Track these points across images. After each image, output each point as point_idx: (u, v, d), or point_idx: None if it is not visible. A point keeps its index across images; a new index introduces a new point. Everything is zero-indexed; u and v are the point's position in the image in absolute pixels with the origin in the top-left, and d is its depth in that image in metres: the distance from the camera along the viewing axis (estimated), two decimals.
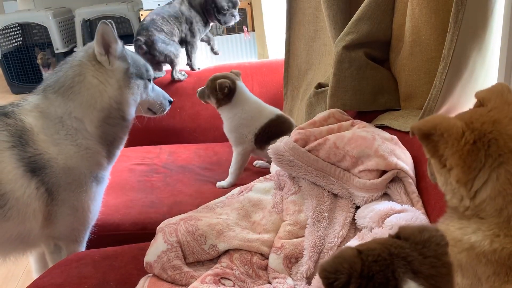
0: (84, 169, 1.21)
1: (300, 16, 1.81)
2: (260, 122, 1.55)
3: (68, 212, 1.20)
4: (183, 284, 0.99)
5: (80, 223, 1.24)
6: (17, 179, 1.13)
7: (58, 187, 1.17)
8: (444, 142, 0.63)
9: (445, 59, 1.04)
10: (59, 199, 1.18)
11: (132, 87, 1.27)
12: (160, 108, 1.42)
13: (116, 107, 1.25)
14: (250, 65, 2.14)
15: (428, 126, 0.64)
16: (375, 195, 1.08)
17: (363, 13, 1.31)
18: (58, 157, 1.17)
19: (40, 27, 4.70)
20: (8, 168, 1.12)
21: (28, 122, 1.17)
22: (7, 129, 1.15)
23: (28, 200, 1.14)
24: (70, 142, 1.19)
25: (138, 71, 1.30)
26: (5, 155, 1.12)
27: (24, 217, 1.15)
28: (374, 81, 1.35)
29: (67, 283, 1.08)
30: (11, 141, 1.13)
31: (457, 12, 0.98)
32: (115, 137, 1.29)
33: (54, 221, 1.19)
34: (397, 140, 1.17)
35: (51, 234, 1.21)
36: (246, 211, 1.14)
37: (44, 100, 1.22)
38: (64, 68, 1.26)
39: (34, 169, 1.14)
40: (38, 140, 1.16)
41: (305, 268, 0.99)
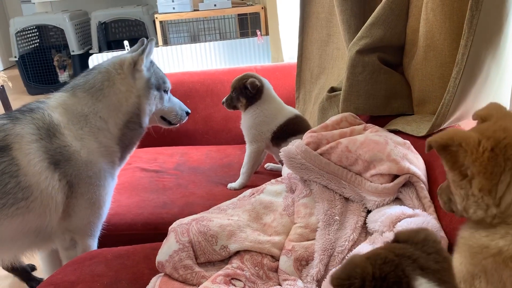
0: (103, 165, 1.28)
1: (313, 20, 1.82)
2: (280, 120, 1.56)
3: (86, 205, 1.26)
4: (194, 283, 1.00)
5: (95, 217, 1.30)
6: (42, 172, 1.17)
7: (79, 179, 1.23)
8: (463, 152, 0.65)
9: (459, 64, 1.03)
10: (79, 192, 1.23)
11: (150, 97, 1.37)
12: (175, 118, 1.49)
13: (137, 114, 1.35)
14: (262, 68, 2.15)
15: (445, 138, 0.66)
16: (386, 199, 1.08)
17: (377, 17, 1.32)
18: (81, 151, 1.24)
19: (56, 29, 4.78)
20: (35, 161, 1.17)
21: (54, 116, 1.24)
22: (34, 122, 1.21)
23: (51, 192, 1.19)
24: (93, 138, 1.27)
25: (157, 83, 1.39)
26: (32, 147, 1.18)
27: (45, 209, 1.20)
28: (387, 86, 1.35)
29: (79, 281, 1.09)
30: (38, 134, 1.20)
31: (472, 17, 0.98)
32: (130, 141, 1.37)
33: (71, 214, 1.24)
34: (409, 145, 1.17)
35: (67, 227, 1.26)
36: (257, 213, 1.15)
37: (72, 97, 1.30)
38: (93, 73, 1.35)
39: (58, 161, 1.20)
40: (63, 133, 1.23)
41: (316, 271, 0.99)
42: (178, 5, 3.62)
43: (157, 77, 1.40)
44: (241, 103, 1.59)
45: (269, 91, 1.60)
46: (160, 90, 1.41)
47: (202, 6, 3.64)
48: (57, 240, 1.29)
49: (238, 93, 1.58)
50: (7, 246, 1.24)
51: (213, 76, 2.14)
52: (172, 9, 3.63)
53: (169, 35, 4.01)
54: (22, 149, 1.17)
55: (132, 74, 1.34)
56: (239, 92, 1.57)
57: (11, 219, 1.17)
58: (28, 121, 1.21)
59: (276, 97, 1.62)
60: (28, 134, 1.19)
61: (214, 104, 2.05)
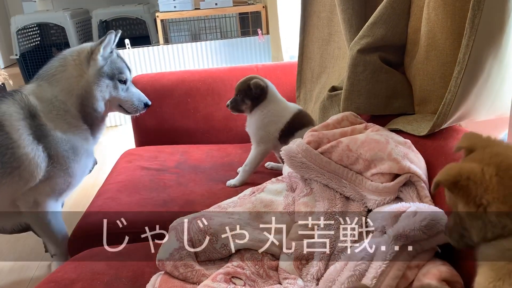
0: (76, 142, 1.45)
1: (314, 19, 1.81)
2: (286, 118, 1.57)
3: (61, 174, 1.44)
4: (195, 282, 1.00)
5: (66, 185, 1.47)
6: (29, 145, 1.36)
7: (57, 153, 1.41)
8: (474, 183, 0.68)
9: (460, 64, 1.03)
10: (57, 162, 1.42)
11: (100, 85, 1.48)
12: (131, 108, 1.60)
13: (87, 97, 1.47)
14: (263, 67, 2.15)
15: (453, 175, 0.69)
16: (387, 198, 1.08)
17: (378, 17, 1.31)
18: (55, 130, 1.41)
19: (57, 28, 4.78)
20: (24, 136, 1.36)
21: (31, 100, 1.42)
22: (18, 103, 1.39)
23: (37, 161, 1.38)
24: (62, 120, 1.43)
25: (110, 72, 1.50)
26: (21, 124, 1.37)
27: (31, 176, 1.39)
28: (388, 85, 1.35)
29: (80, 279, 1.10)
30: (22, 113, 1.38)
31: (474, 16, 0.98)
32: (93, 122, 1.51)
33: (47, 180, 1.42)
34: (410, 144, 1.17)
35: (37, 190, 1.43)
36: (257, 211, 1.15)
37: (37, 87, 1.47)
38: (52, 61, 1.51)
39: (40, 136, 1.38)
40: (40, 115, 1.40)
41: (316, 269, 1.00)
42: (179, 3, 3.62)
43: (112, 67, 1.50)
44: (246, 105, 1.58)
45: (273, 91, 1.60)
46: (113, 79, 1.51)
47: (203, 5, 3.63)
48: (21, 202, 1.44)
49: (243, 95, 1.57)
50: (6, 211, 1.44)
51: (214, 75, 2.14)
52: (173, 8, 3.63)
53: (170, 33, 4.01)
54: (12, 126, 1.35)
55: (87, 62, 1.46)
56: (244, 94, 1.57)
57: (8, 186, 1.37)
58: (11, 102, 1.39)
59: (280, 96, 1.62)
60: (15, 113, 1.37)
61: (215, 103, 2.04)
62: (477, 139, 0.74)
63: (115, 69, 1.51)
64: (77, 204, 2.47)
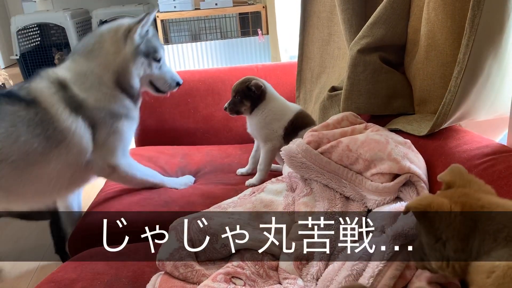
0: (113, 108, 1.47)
1: (314, 20, 1.82)
2: (289, 116, 1.56)
3: (109, 137, 1.47)
4: (195, 282, 1.00)
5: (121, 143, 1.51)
6: (68, 117, 1.39)
7: (96, 120, 1.44)
8: (439, 218, 0.73)
9: (460, 64, 1.03)
10: (100, 129, 1.45)
11: (136, 62, 1.50)
12: (163, 85, 1.61)
13: (123, 74, 1.49)
14: (263, 67, 2.15)
15: (424, 205, 0.74)
16: (387, 198, 1.08)
17: (378, 17, 1.32)
18: (88, 99, 1.43)
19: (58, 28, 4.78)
20: (60, 109, 1.38)
21: (60, 73, 1.45)
22: (48, 80, 1.43)
23: (80, 132, 1.40)
24: (95, 90, 1.45)
25: (146, 50, 1.52)
26: (54, 98, 1.39)
27: (80, 146, 1.42)
28: (388, 85, 1.35)
29: (80, 279, 1.10)
30: (53, 88, 1.41)
31: (473, 16, 0.98)
32: (132, 95, 1.53)
33: (101, 146, 1.46)
34: (410, 144, 1.17)
35: (102, 157, 1.48)
36: (257, 211, 1.15)
37: (72, 61, 1.51)
38: (88, 37, 1.55)
39: (75, 107, 1.41)
40: (71, 87, 1.43)
41: (316, 269, 1.00)
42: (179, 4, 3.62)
43: (148, 45, 1.51)
44: (245, 106, 1.58)
45: (271, 91, 1.60)
46: (149, 57, 1.52)
47: (203, 5, 3.64)
48: (98, 170, 1.50)
49: (241, 96, 1.56)
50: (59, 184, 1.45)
51: (214, 75, 2.14)
52: (173, 8, 3.63)
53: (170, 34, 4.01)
54: (47, 101, 1.38)
55: (124, 39, 1.48)
56: (243, 96, 1.56)
57: (58, 158, 1.39)
58: (40, 80, 1.43)
59: (279, 96, 1.62)
60: (46, 88, 1.40)
61: (215, 103, 2.05)
62: (459, 176, 0.79)
63: (151, 47, 1.53)
64: None
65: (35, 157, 1.34)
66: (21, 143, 1.32)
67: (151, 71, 1.55)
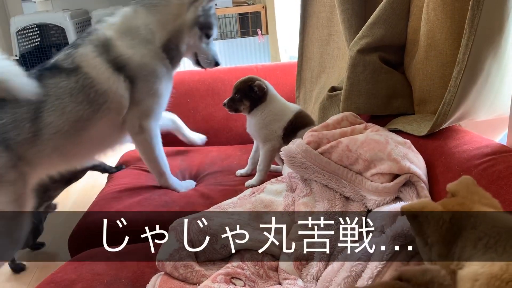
0: (156, 66, 1.53)
1: (314, 20, 1.82)
2: (288, 116, 1.56)
3: (147, 97, 1.53)
4: (194, 282, 1.00)
5: (156, 104, 1.57)
6: (110, 78, 1.45)
7: (138, 78, 1.49)
8: (427, 223, 0.75)
9: (460, 64, 1.03)
10: (140, 87, 1.50)
11: (191, 31, 1.56)
12: (205, 61, 1.66)
13: (176, 36, 1.54)
14: (263, 67, 2.15)
15: (416, 208, 0.77)
16: (387, 198, 1.08)
17: (378, 17, 1.32)
18: (134, 56, 1.48)
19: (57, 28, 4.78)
20: (102, 70, 1.45)
21: (107, 33, 1.50)
22: (91, 43, 1.48)
23: (120, 91, 1.47)
24: (143, 47, 1.51)
25: (203, 24, 1.56)
26: (97, 61, 1.46)
27: (120, 106, 1.49)
28: (388, 85, 1.35)
29: (80, 279, 1.10)
30: (97, 51, 1.47)
31: (473, 16, 0.98)
32: (173, 56, 1.59)
33: (137, 105, 1.52)
34: (410, 144, 1.17)
35: (135, 115, 1.54)
36: (257, 212, 1.15)
37: (132, 11, 1.55)
38: None
39: (119, 67, 1.47)
40: (117, 45, 1.48)
41: (315, 270, 1.00)
42: None
43: (206, 20, 1.56)
44: (244, 105, 1.58)
45: (272, 92, 1.60)
46: (202, 30, 1.57)
47: None
48: (128, 128, 1.56)
49: (242, 95, 1.56)
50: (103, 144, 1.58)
51: (214, 75, 2.13)
52: None
53: None
54: (90, 65, 1.44)
55: (188, 6, 1.53)
56: (243, 95, 1.56)
57: (100, 121, 1.47)
58: (86, 43, 1.48)
59: (279, 96, 1.62)
60: (90, 52, 1.46)
61: (215, 103, 2.04)
62: (465, 187, 0.80)
63: (207, 23, 1.58)
64: (77, 204, 2.48)
65: (82, 123, 1.44)
66: (68, 114, 1.41)
67: (200, 44, 1.61)
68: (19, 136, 1.35)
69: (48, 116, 1.39)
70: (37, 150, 1.39)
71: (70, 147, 1.47)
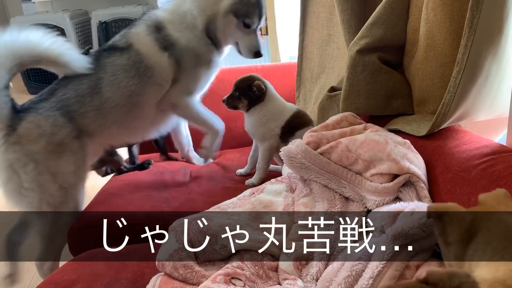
0: (201, 50, 1.61)
1: (313, 20, 1.82)
2: (286, 116, 1.57)
3: (188, 78, 1.62)
4: (194, 283, 1.00)
5: (195, 87, 1.66)
6: (157, 54, 1.56)
7: (182, 59, 1.59)
8: (450, 224, 0.75)
9: (459, 64, 1.03)
10: (183, 67, 1.60)
11: (226, 17, 1.58)
12: (243, 50, 1.68)
13: (213, 21, 1.59)
14: (263, 67, 2.15)
15: (442, 208, 0.77)
16: (386, 199, 1.08)
17: (377, 17, 1.32)
18: (181, 39, 1.58)
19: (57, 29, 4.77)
20: (151, 47, 1.56)
21: (159, 15, 1.62)
22: (145, 22, 1.61)
23: (166, 67, 1.57)
24: (189, 31, 1.59)
25: (239, 13, 1.58)
26: (147, 39, 1.57)
27: (163, 81, 1.59)
28: (387, 85, 1.35)
29: (80, 280, 1.10)
30: (149, 30, 1.58)
31: (472, 17, 0.98)
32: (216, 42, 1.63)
33: (178, 83, 1.62)
34: (409, 144, 1.17)
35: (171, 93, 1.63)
36: (257, 212, 1.15)
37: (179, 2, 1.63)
38: None
39: (166, 46, 1.57)
40: (167, 27, 1.59)
41: (315, 270, 1.00)
42: None
43: (243, 9, 1.57)
44: (243, 104, 1.59)
45: (271, 91, 1.60)
46: (239, 18, 1.58)
47: None
48: (164, 106, 1.63)
49: (240, 93, 1.57)
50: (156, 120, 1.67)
51: None
52: None
53: None
54: (140, 43, 1.57)
55: None
56: (242, 93, 1.57)
57: (149, 96, 1.58)
58: (140, 23, 1.61)
59: (278, 95, 1.62)
60: (142, 31, 1.58)
61: (214, 103, 2.04)
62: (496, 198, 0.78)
63: (245, 11, 1.58)
64: None
65: (135, 98, 1.56)
66: (123, 89, 1.53)
67: (237, 32, 1.62)
68: (81, 109, 1.49)
69: (106, 91, 1.52)
70: (98, 123, 1.53)
71: (128, 121, 1.59)
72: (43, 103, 1.48)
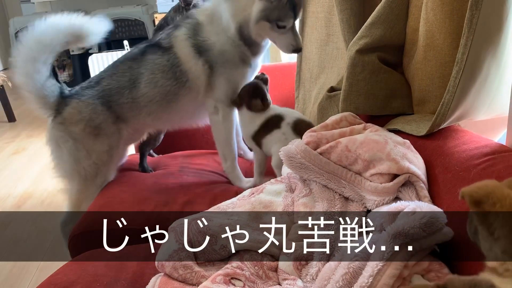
0: (234, 53, 1.61)
1: (313, 20, 1.82)
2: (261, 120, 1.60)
3: (223, 82, 1.63)
4: (194, 283, 1.00)
5: (231, 90, 1.65)
6: (192, 59, 1.61)
7: (217, 64, 1.61)
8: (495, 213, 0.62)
9: (459, 64, 1.03)
10: (218, 73, 1.62)
11: (257, 22, 1.57)
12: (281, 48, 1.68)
13: (244, 26, 1.59)
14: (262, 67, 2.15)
15: (481, 194, 0.63)
16: (386, 198, 1.08)
17: (376, 17, 1.32)
18: (216, 43, 1.60)
19: None
20: (187, 52, 1.61)
21: (200, 18, 1.64)
22: (186, 26, 1.64)
23: (199, 73, 1.61)
24: (224, 34, 1.60)
25: (271, 18, 1.56)
26: (185, 43, 1.61)
27: (197, 86, 1.63)
28: (387, 85, 1.35)
29: (80, 281, 1.10)
30: (188, 33, 1.62)
31: (472, 16, 0.98)
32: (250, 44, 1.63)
33: (214, 88, 1.64)
34: (409, 144, 1.17)
35: (212, 97, 1.66)
36: (257, 212, 1.15)
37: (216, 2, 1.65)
38: None
39: (201, 51, 1.61)
40: (205, 30, 1.61)
41: (315, 270, 1.00)
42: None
43: (274, 13, 1.54)
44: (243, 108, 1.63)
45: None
46: (271, 22, 1.56)
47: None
48: (207, 107, 1.68)
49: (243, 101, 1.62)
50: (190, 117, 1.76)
51: None
52: None
53: None
54: (179, 46, 1.62)
55: None
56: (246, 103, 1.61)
57: (184, 97, 1.64)
58: (182, 26, 1.65)
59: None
60: (181, 35, 1.62)
61: None
62: None
63: (276, 15, 1.56)
64: None
65: (171, 97, 1.64)
66: (159, 88, 1.62)
67: (271, 34, 1.61)
68: (119, 100, 1.63)
69: (144, 87, 1.62)
70: (134, 113, 1.65)
71: (162, 114, 1.67)
72: (88, 90, 1.65)
